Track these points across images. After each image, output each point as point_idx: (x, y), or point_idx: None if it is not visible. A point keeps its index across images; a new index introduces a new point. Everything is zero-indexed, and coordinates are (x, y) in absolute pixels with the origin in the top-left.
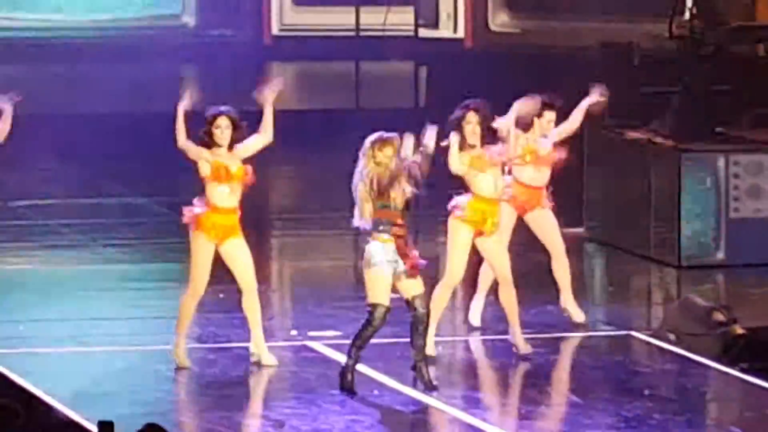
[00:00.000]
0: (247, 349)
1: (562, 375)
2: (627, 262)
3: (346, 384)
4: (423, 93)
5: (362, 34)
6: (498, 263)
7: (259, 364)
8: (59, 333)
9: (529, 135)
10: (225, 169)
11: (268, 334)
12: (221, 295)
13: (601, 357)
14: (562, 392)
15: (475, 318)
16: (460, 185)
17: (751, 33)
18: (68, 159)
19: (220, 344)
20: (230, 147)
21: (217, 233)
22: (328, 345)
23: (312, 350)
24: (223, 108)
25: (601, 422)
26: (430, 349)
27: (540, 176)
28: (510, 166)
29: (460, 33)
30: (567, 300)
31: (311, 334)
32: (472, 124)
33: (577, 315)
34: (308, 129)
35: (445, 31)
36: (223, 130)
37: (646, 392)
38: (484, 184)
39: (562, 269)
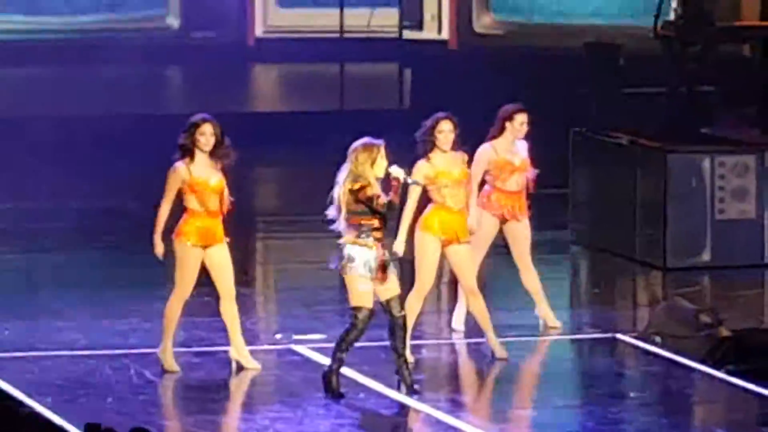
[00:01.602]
0: (228, 352)
1: (547, 378)
2: (612, 264)
3: (332, 388)
4: (407, 94)
5: (346, 35)
6: (464, 273)
7: (239, 369)
8: (43, 337)
9: (499, 144)
10: (204, 184)
11: (253, 338)
12: (206, 299)
13: (587, 359)
14: (547, 395)
15: (458, 323)
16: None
17: (737, 33)
18: (51, 161)
19: (206, 348)
20: (211, 154)
21: (199, 238)
22: (313, 348)
23: (296, 353)
24: (207, 115)
25: (586, 425)
26: (407, 355)
27: (519, 181)
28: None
29: (445, 34)
30: (543, 309)
31: (296, 337)
32: (444, 132)
33: (553, 321)
34: (292, 131)
35: (429, 33)
36: (207, 137)
37: (632, 395)
38: (449, 196)
39: (533, 280)
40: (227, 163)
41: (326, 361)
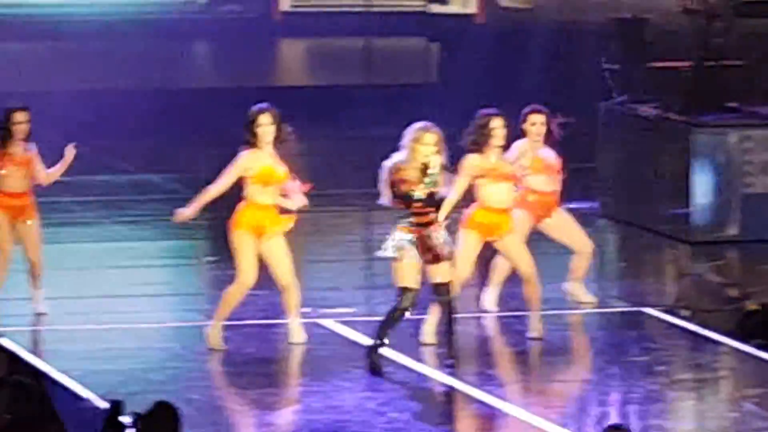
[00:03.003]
0: (259, 326)
1: (574, 351)
2: (640, 237)
3: (375, 365)
4: (434, 69)
5: (373, 9)
6: (519, 260)
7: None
8: (71, 310)
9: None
10: (271, 172)
11: (280, 312)
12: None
13: (614, 333)
14: (575, 369)
15: (491, 304)
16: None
17: (764, 7)
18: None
19: (232, 322)
20: (274, 144)
21: (256, 228)
22: (341, 322)
23: (324, 327)
24: (264, 105)
25: (614, 399)
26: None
27: (552, 182)
28: (521, 176)
29: (471, 8)
30: (575, 286)
31: (324, 311)
32: (497, 128)
33: (585, 296)
34: (318, 105)
35: (455, 7)
36: (265, 127)
37: (660, 368)
38: (495, 195)
39: (583, 260)
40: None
41: (354, 335)
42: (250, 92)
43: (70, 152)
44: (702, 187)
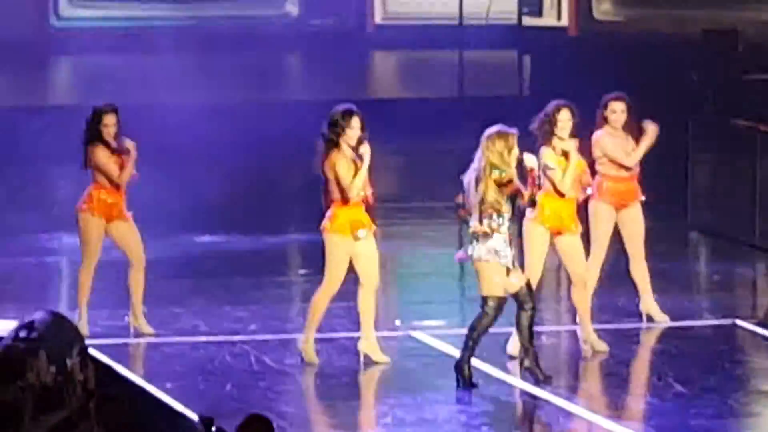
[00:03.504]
0: (350, 339)
1: (666, 364)
2: (732, 250)
3: (464, 377)
4: (527, 82)
5: (465, 22)
6: (572, 263)
7: (368, 362)
8: (162, 323)
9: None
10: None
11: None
12: None
13: (706, 346)
14: (667, 382)
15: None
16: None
17: None
18: (171, 148)
19: (325, 334)
20: (355, 147)
21: (346, 228)
22: (432, 335)
23: (416, 340)
24: (354, 107)
25: (706, 412)
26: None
27: (630, 159)
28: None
29: (564, 21)
30: (647, 302)
31: (415, 323)
32: (563, 120)
33: (660, 316)
34: (411, 117)
35: (548, 20)
36: (355, 131)
37: (751, 381)
38: (564, 185)
39: (639, 272)
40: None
41: (445, 347)
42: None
43: (131, 148)
44: None
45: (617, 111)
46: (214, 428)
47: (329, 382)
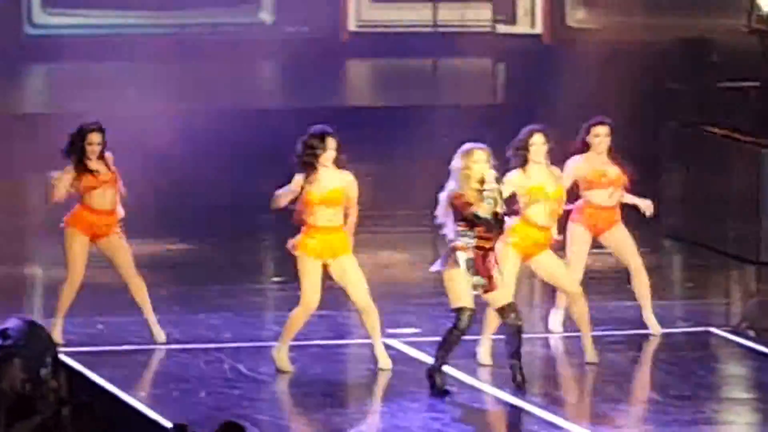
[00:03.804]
0: (324, 347)
1: (640, 372)
2: (705, 258)
3: (437, 385)
4: (501, 89)
5: (440, 30)
6: (558, 277)
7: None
8: (136, 331)
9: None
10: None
11: (346, 332)
12: (298, 293)
13: (680, 354)
14: (640, 389)
15: (556, 325)
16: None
17: None
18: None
19: (299, 342)
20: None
21: (322, 251)
22: (407, 342)
23: (390, 348)
24: (329, 129)
25: (680, 419)
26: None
27: (612, 197)
28: (581, 187)
29: (538, 29)
30: (647, 315)
31: (390, 331)
32: (536, 144)
33: (655, 328)
34: (385, 126)
35: (522, 27)
36: (330, 152)
37: (725, 389)
38: (538, 214)
39: (641, 284)
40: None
41: (420, 355)
42: (316, 113)
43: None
44: None
45: (601, 135)
46: None
47: (303, 389)
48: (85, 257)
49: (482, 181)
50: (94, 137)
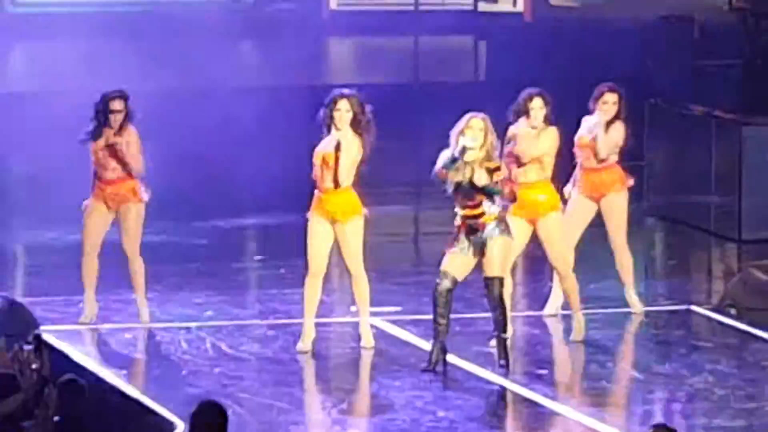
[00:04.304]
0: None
1: (622, 350)
2: (688, 235)
3: (430, 359)
4: (482, 67)
5: (421, 8)
6: (551, 247)
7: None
8: (118, 309)
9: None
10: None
11: (328, 310)
12: (282, 270)
13: (662, 331)
14: (623, 367)
15: (553, 309)
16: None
17: None
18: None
19: (281, 320)
20: (354, 129)
21: (324, 212)
22: (389, 321)
23: (372, 326)
24: (345, 91)
25: (662, 397)
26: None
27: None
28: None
29: (520, 7)
30: (629, 294)
31: (372, 309)
32: (535, 109)
33: (636, 307)
34: (367, 103)
35: (504, 5)
36: (342, 113)
37: (707, 367)
38: (529, 171)
39: (623, 262)
40: (368, 138)
41: (402, 333)
42: (298, 91)
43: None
44: (751, 184)
45: (608, 102)
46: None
47: (286, 368)
48: (102, 231)
49: (454, 154)
50: (116, 105)
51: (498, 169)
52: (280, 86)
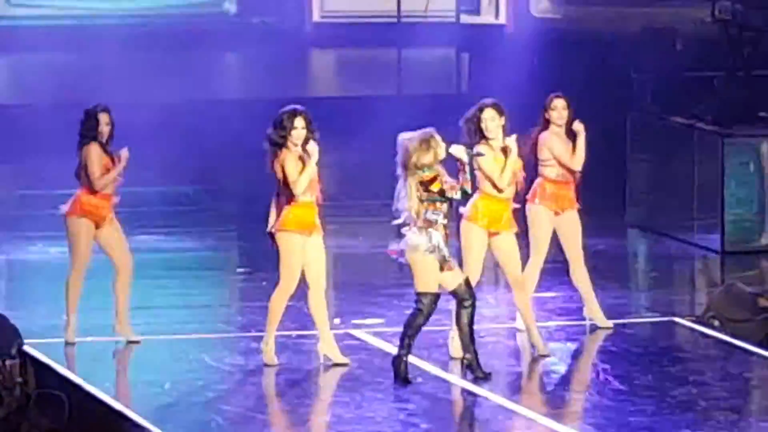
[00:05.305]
0: (288, 337)
1: (605, 361)
2: (670, 247)
3: (401, 374)
4: (465, 79)
5: (404, 20)
6: (509, 263)
7: (328, 364)
8: (103, 322)
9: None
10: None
11: (311, 323)
12: (264, 283)
13: (645, 343)
14: (605, 379)
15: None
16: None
17: None
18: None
19: (262, 333)
20: (302, 146)
21: (303, 227)
22: (371, 333)
23: (355, 338)
24: (299, 107)
25: (645, 408)
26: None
27: (565, 172)
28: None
29: (502, 19)
30: (591, 308)
31: (354, 321)
32: (486, 120)
33: (604, 323)
34: (349, 116)
35: (486, 17)
36: (299, 130)
37: (690, 378)
38: (502, 179)
39: (580, 277)
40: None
41: (385, 345)
42: (281, 103)
43: (124, 154)
44: (733, 196)
45: (558, 108)
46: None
47: (268, 379)
48: (91, 245)
49: (449, 154)
50: (103, 118)
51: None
52: (263, 98)
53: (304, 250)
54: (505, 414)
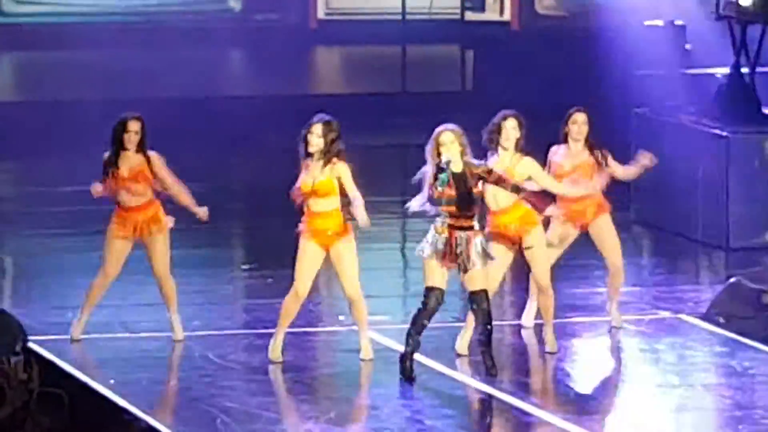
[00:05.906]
0: (295, 335)
1: (610, 358)
2: (675, 244)
3: (406, 371)
4: (469, 77)
5: (408, 17)
6: (537, 269)
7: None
8: (105, 319)
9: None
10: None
11: (316, 319)
12: (269, 281)
13: (650, 340)
14: (610, 376)
15: (528, 320)
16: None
17: None
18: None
19: (267, 330)
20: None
21: (321, 238)
22: (377, 330)
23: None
24: (320, 116)
25: (651, 405)
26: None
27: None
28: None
29: (507, 16)
30: (611, 308)
31: None
32: (506, 129)
33: (616, 320)
34: (354, 113)
35: (491, 14)
36: (314, 138)
37: (696, 375)
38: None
39: (612, 284)
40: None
41: (390, 342)
42: (285, 101)
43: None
44: (738, 193)
45: (578, 122)
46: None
47: (273, 377)
48: (121, 259)
49: (438, 166)
50: (132, 125)
51: (489, 172)
52: (267, 95)
53: (320, 258)
54: (510, 411)
